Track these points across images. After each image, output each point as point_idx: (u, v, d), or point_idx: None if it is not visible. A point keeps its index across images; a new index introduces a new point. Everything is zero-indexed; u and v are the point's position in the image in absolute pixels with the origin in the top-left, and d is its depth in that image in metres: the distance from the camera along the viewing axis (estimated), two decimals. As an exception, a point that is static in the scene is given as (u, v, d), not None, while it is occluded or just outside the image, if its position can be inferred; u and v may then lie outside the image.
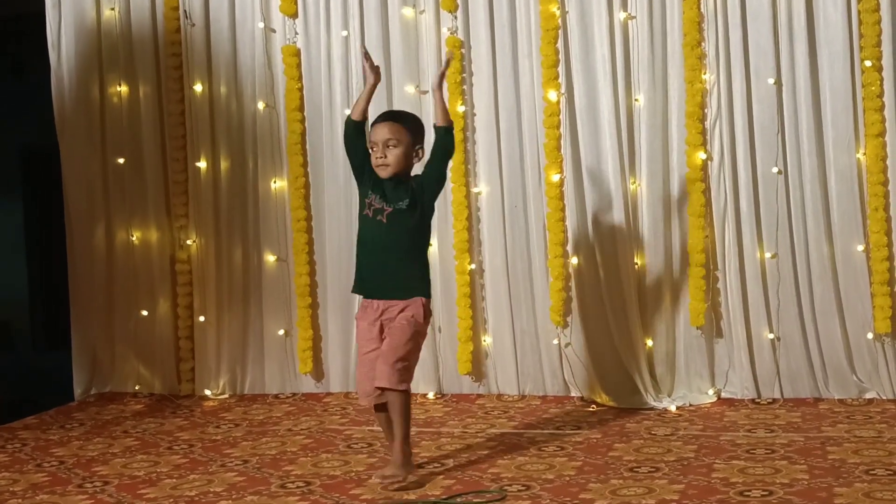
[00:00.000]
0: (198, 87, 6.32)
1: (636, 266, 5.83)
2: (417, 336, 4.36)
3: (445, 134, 4.38)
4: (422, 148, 4.41)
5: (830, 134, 5.59)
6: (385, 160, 4.31)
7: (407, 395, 4.31)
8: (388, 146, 4.30)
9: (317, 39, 6.20)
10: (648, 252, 5.82)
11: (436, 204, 4.49)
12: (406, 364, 4.29)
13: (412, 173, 4.42)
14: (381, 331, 4.37)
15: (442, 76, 4.48)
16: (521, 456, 4.71)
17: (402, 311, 4.34)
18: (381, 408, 4.38)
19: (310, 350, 6.25)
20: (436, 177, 4.41)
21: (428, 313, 4.41)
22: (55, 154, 6.55)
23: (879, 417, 5.20)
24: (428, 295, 4.43)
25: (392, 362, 4.25)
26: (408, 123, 4.41)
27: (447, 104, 4.43)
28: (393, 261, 4.34)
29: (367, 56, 4.44)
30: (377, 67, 4.41)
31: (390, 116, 4.48)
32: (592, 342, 5.83)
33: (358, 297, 6.10)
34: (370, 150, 4.37)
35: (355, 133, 4.39)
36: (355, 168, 4.43)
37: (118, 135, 6.48)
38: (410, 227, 4.35)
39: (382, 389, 4.27)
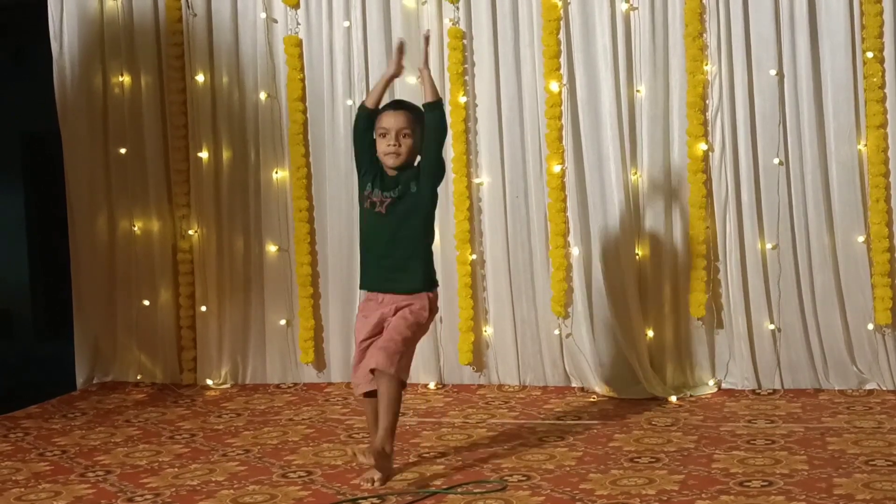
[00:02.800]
0: (199, 78, 6.32)
1: (637, 256, 5.84)
2: (417, 329, 4.28)
3: (433, 109, 4.30)
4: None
5: (832, 125, 5.59)
6: (399, 149, 4.27)
7: (399, 384, 4.19)
8: (401, 135, 4.27)
9: (318, 30, 6.20)
10: (649, 243, 5.82)
11: (438, 192, 4.44)
12: (402, 352, 4.20)
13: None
14: (380, 323, 4.29)
15: (425, 55, 4.43)
16: (522, 446, 4.72)
17: (406, 305, 4.27)
18: (371, 394, 4.29)
19: (311, 340, 6.26)
20: (433, 161, 4.31)
21: (434, 308, 4.35)
22: (57, 142, 6.55)
23: (879, 408, 5.21)
24: (433, 288, 4.36)
25: (387, 347, 4.18)
26: (418, 115, 4.38)
27: (433, 81, 4.35)
28: (395, 253, 4.28)
29: (400, 49, 4.39)
30: (402, 65, 4.38)
31: (403, 106, 4.42)
32: (593, 333, 5.84)
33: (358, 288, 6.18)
34: (377, 138, 4.33)
35: (367, 122, 4.36)
36: (359, 154, 4.39)
37: (120, 125, 6.49)
38: (410, 217, 4.29)
39: (373, 372, 4.19)
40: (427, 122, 4.30)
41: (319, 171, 6.25)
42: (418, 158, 4.34)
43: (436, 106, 4.32)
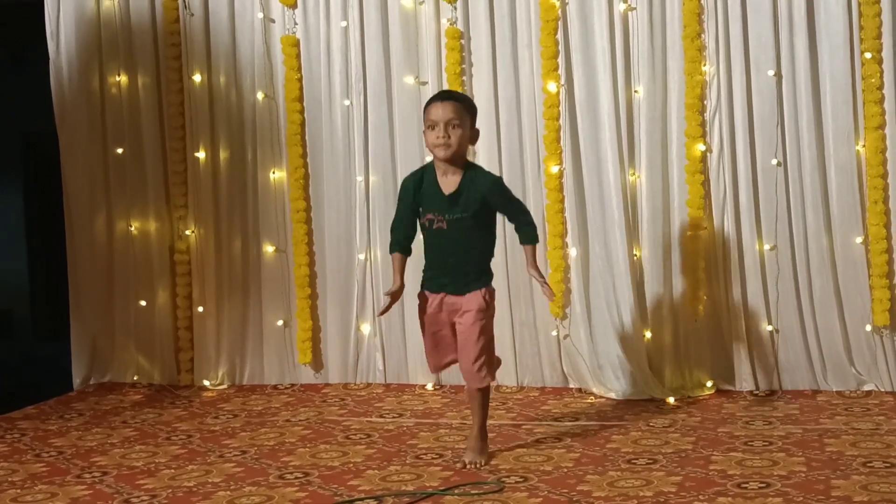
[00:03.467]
0: (197, 78, 6.32)
1: (635, 257, 5.83)
2: (485, 328, 4.43)
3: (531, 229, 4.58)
4: (476, 129, 4.48)
5: (830, 126, 5.59)
6: (448, 140, 4.31)
7: (488, 388, 4.52)
8: (451, 126, 4.31)
9: (316, 30, 6.19)
10: (647, 244, 5.82)
11: None
12: (484, 359, 4.41)
13: (465, 163, 4.46)
14: (445, 316, 4.47)
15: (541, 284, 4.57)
16: (519, 447, 4.71)
17: (464, 304, 4.42)
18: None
19: (309, 341, 6.26)
20: (503, 213, 4.58)
21: (490, 296, 4.46)
22: (54, 143, 6.54)
23: (877, 410, 5.21)
24: (487, 284, 4.47)
25: (472, 362, 4.40)
26: (467, 104, 4.45)
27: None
28: (458, 263, 4.43)
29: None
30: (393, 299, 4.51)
31: (450, 96, 4.47)
32: (591, 334, 5.83)
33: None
34: (425, 131, 4.38)
35: (411, 238, 4.56)
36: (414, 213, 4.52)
37: (117, 125, 6.47)
38: (472, 230, 4.41)
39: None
40: (517, 224, 4.58)
41: (317, 172, 6.24)
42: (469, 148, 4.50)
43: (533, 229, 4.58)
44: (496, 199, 4.46)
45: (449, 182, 4.40)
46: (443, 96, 4.45)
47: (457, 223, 4.39)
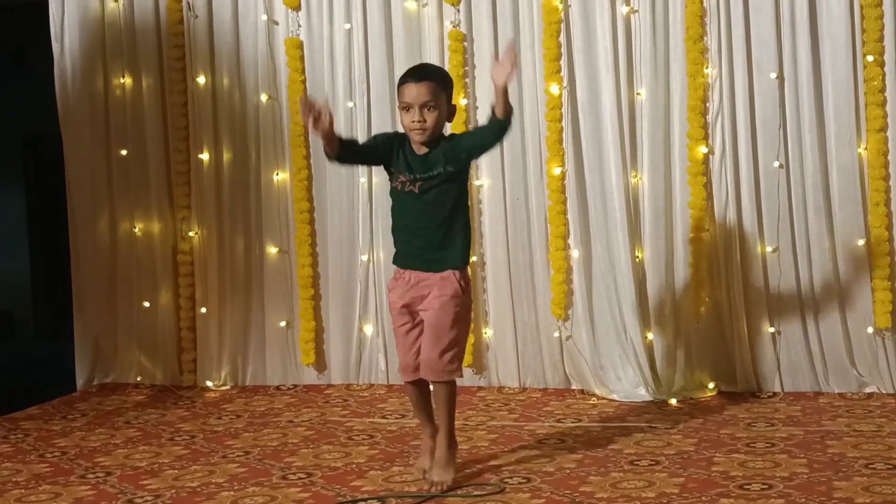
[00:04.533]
0: (201, 79, 6.33)
1: (637, 259, 5.84)
2: (461, 316, 4.10)
3: (501, 122, 4.04)
4: (453, 106, 4.15)
5: (832, 128, 5.60)
6: (424, 124, 4.02)
7: (454, 384, 4.13)
8: (426, 108, 4.02)
9: (319, 32, 6.20)
10: (649, 245, 5.83)
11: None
12: (455, 351, 4.07)
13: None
14: (412, 305, 4.14)
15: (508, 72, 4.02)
16: (522, 449, 4.72)
17: (436, 288, 4.09)
18: (419, 382, 4.19)
19: (312, 342, 6.27)
20: (479, 144, 4.13)
21: (466, 283, 4.13)
22: (58, 143, 6.55)
23: (879, 412, 5.21)
24: (462, 265, 4.13)
25: (439, 351, 4.05)
26: (441, 80, 4.12)
27: (507, 95, 4.02)
28: (428, 230, 4.09)
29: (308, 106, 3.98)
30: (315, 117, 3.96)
31: (424, 75, 4.11)
32: (593, 335, 5.84)
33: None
34: (400, 111, 4.09)
35: (351, 156, 4.22)
36: (380, 164, 4.21)
37: (121, 126, 6.49)
38: (444, 195, 4.07)
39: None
40: (488, 124, 4.09)
41: (320, 173, 6.25)
42: (447, 127, 4.17)
43: (504, 123, 4.05)
44: (465, 137, 4.18)
45: (422, 149, 4.11)
46: (417, 75, 4.11)
47: (430, 183, 4.06)
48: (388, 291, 4.28)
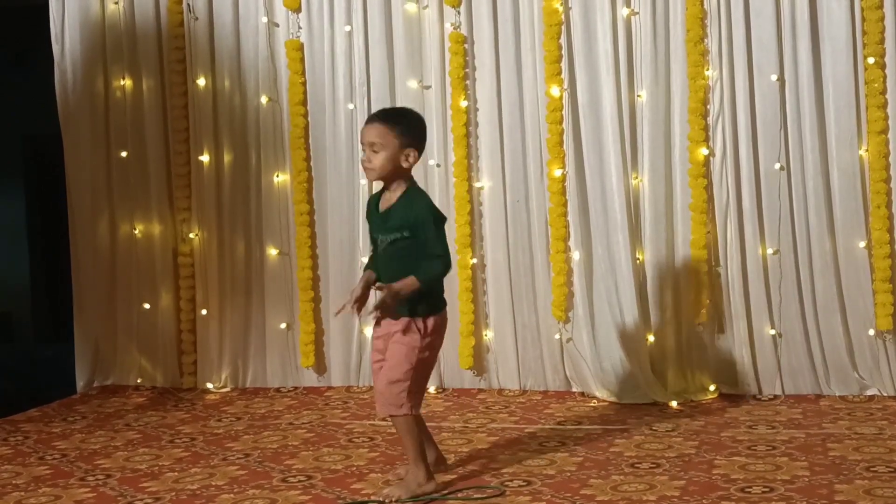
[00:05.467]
0: (201, 81, 6.32)
1: (638, 261, 5.83)
2: (411, 354, 4.09)
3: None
4: (415, 150, 4.12)
5: (833, 130, 5.59)
6: (370, 164, 4.10)
7: (405, 418, 4.08)
8: (372, 149, 4.08)
9: (320, 34, 6.20)
10: (650, 247, 5.82)
11: (437, 201, 4.39)
12: (403, 386, 4.07)
13: (410, 184, 4.19)
14: (383, 350, 4.19)
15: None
16: (522, 451, 4.72)
17: (398, 333, 4.12)
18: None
19: (312, 344, 6.26)
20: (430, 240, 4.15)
21: (427, 327, 4.15)
22: (58, 145, 6.55)
23: (880, 414, 5.21)
24: (421, 314, 4.13)
25: (385, 384, 4.09)
26: (396, 124, 4.12)
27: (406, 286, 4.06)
28: (390, 282, 4.08)
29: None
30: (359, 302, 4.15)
31: (378, 117, 4.21)
32: (594, 337, 5.84)
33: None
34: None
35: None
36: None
37: (121, 128, 6.48)
38: (401, 251, 4.11)
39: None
40: (432, 259, 4.12)
41: (320, 175, 6.25)
42: (413, 167, 4.19)
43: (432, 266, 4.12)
44: (422, 231, 4.12)
45: (386, 200, 4.19)
46: (371, 117, 4.23)
47: (391, 245, 4.13)
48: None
